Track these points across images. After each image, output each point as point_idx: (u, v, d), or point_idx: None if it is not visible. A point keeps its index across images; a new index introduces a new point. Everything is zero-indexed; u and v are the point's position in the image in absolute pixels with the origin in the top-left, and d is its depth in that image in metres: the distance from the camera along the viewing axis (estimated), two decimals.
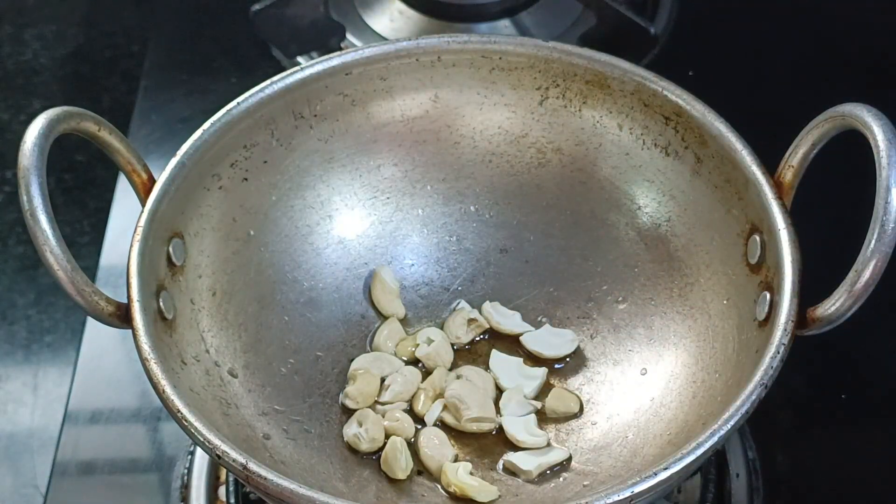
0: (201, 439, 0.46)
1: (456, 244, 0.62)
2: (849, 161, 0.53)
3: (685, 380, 0.55)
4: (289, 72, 0.58)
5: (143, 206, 0.53)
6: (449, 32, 0.61)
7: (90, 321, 0.68)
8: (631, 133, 0.59)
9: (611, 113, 0.59)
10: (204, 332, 0.54)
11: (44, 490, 0.64)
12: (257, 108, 0.57)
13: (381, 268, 0.61)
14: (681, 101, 0.56)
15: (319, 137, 0.60)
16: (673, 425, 0.53)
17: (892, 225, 0.45)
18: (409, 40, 0.59)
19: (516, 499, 0.54)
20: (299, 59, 0.83)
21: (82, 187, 0.82)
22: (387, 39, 0.76)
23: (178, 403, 0.47)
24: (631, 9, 0.82)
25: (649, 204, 0.59)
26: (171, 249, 0.53)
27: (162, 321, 0.51)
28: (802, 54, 0.83)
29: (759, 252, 0.52)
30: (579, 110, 0.60)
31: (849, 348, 0.65)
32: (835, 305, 0.47)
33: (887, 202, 0.45)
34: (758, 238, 0.52)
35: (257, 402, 0.54)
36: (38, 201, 0.48)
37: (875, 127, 0.46)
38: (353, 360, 0.59)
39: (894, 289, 0.50)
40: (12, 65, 0.90)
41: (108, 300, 0.50)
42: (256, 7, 0.83)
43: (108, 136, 0.53)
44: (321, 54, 0.67)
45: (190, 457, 0.63)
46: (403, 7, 0.83)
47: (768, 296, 0.50)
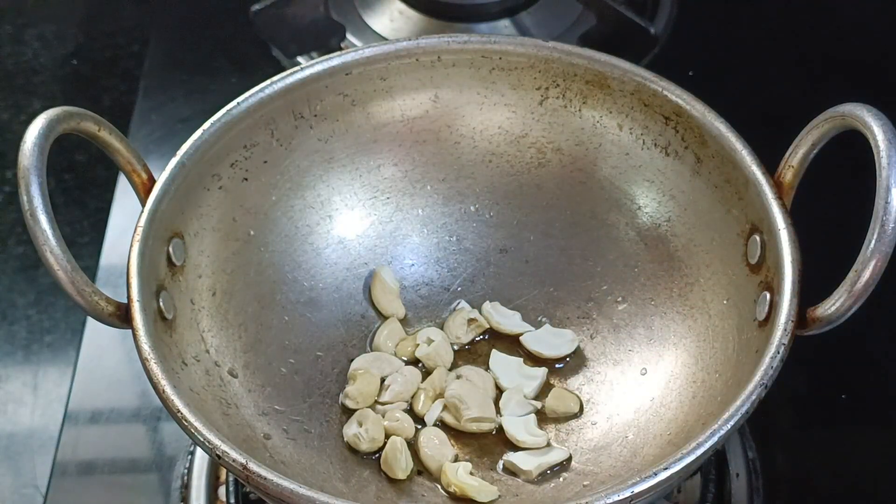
0: (201, 439, 0.46)
1: (456, 244, 0.62)
2: (849, 161, 0.53)
3: (685, 380, 0.55)
4: (289, 72, 0.58)
5: (143, 206, 0.53)
6: (449, 32, 0.61)
7: (90, 321, 0.68)
8: (631, 133, 0.59)
9: (611, 113, 0.59)
10: (204, 332, 0.54)
11: (44, 490, 0.64)
12: (257, 108, 0.57)
13: (381, 268, 0.61)
14: (681, 101, 0.56)
15: (319, 137, 0.60)
16: (673, 425, 0.53)
17: (892, 225, 0.45)
18: (409, 40, 0.59)
19: (516, 499, 0.54)
20: (299, 59, 0.83)
21: (82, 187, 0.81)
22: (387, 39, 0.76)
23: (178, 403, 0.47)
24: (631, 9, 0.82)
25: (649, 204, 0.59)
26: (171, 249, 0.53)
27: (162, 321, 0.51)
28: (802, 54, 0.83)
29: (759, 252, 0.52)
30: (579, 110, 0.60)
31: (849, 348, 0.65)
32: (835, 305, 0.47)
33: (887, 202, 0.45)
34: (758, 238, 0.52)
35: (257, 402, 0.54)
36: (38, 201, 0.48)
37: (875, 127, 0.46)
38: (353, 360, 0.59)
39: (894, 289, 0.50)
40: (12, 65, 0.90)
41: (108, 300, 0.50)
42: (256, 7, 0.83)
43: (108, 136, 0.53)
44: (321, 54, 0.67)
45: (190, 457, 0.63)
46: (403, 7, 0.83)
47: (768, 296, 0.50)
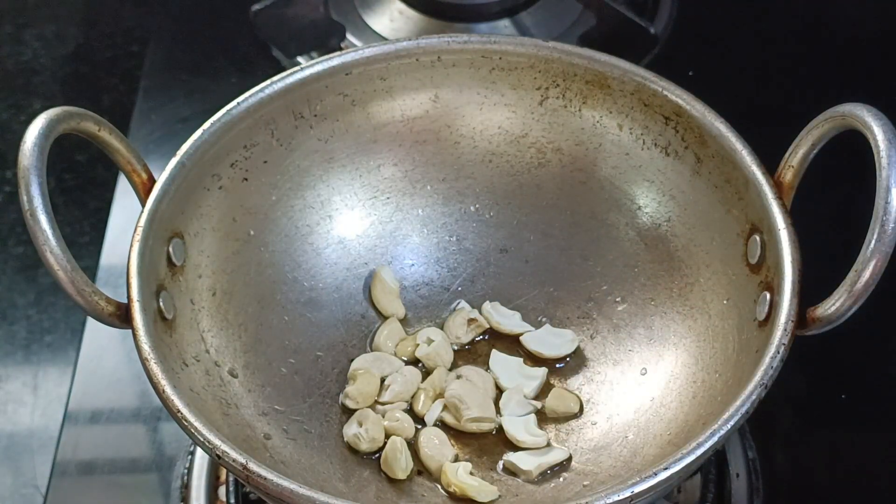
0: (201, 439, 0.46)
1: (456, 244, 0.62)
2: (849, 161, 0.53)
3: (685, 380, 0.55)
4: (289, 72, 0.58)
5: (143, 206, 0.53)
6: (449, 32, 0.61)
7: (90, 321, 0.68)
8: (631, 133, 0.59)
9: (611, 113, 0.59)
10: (204, 332, 0.54)
11: (44, 490, 0.64)
12: (257, 108, 0.57)
13: (381, 268, 0.61)
14: (681, 101, 0.56)
15: (319, 137, 0.60)
16: (673, 425, 0.53)
17: (892, 225, 0.45)
18: (409, 40, 0.59)
19: (516, 499, 0.54)
20: (299, 59, 0.83)
21: (82, 187, 0.81)
22: (387, 39, 0.76)
23: (178, 403, 0.47)
24: (631, 9, 0.82)
25: (649, 204, 0.59)
26: (171, 249, 0.53)
27: (162, 321, 0.51)
28: (802, 54, 0.83)
29: (759, 252, 0.52)
30: (579, 110, 0.60)
31: (849, 348, 0.65)
32: (835, 305, 0.47)
33: (887, 202, 0.45)
34: (758, 238, 0.52)
35: (257, 402, 0.54)
36: (38, 201, 0.48)
37: (875, 127, 0.46)
38: (353, 360, 0.59)
39: (894, 289, 0.50)
40: (12, 65, 0.90)
41: (108, 300, 0.50)
42: (256, 7, 0.83)
43: (108, 136, 0.53)
44: (321, 54, 0.67)
45: (190, 457, 0.63)
46: (403, 7, 0.83)
47: (768, 296, 0.50)
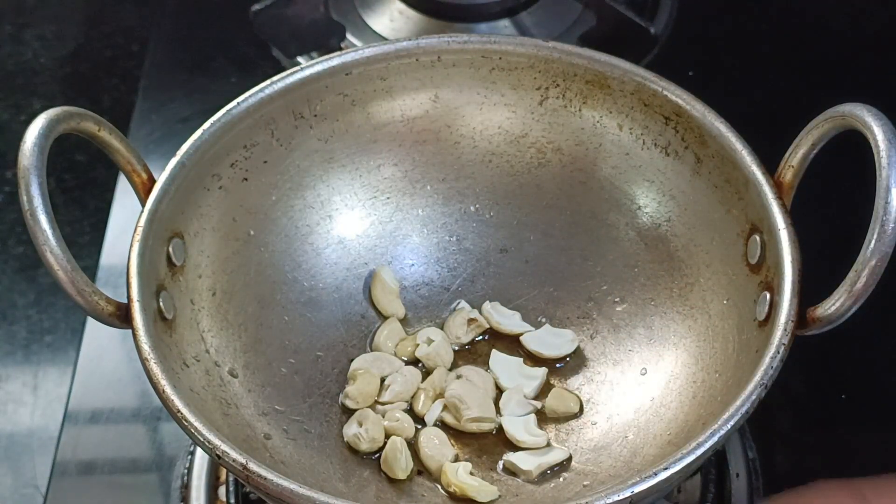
0: (201, 439, 0.46)
1: (456, 244, 0.62)
2: (849, 161, 0.53)
3: (685, 380, 0.55)
4: (289, 72, 0.58)
5: (143, 206, 0.53)
6: (449, 32, 0.61)
7: (90, 321, 0.68)
8: (631, 133, 0.59)
9: (611, 113, 0.59)
10: (204, 332, 0.54)
11: (44, 490, 0.64)
12: (257, 108, 0.57)
13: (381, 268, 0.61)
14: (681, 101, 0.56)
15: (319, 137, 0.60)
16: (673, 425, 0.53)
17: (892, 225, 0.45)
18: (409, 40, 0.59)
19: (516, 499, 0.54)
20: (299, 59, 0.83)
21: (82, 187, 0.82)
22: (387, 39, 0.76)
23: (178, 403, 0.47)
24: (631, 9, 0.82)
25: (649, 204, 0.59)
26: (171, 249, 0.53)
27: (162, 321, 0.51)
28: (802, 54, 0.83)
29: (759, 252, 0.52)
30: (579, 110, 0.60)
31: (849, 348, 0.65)
32: (835, 305, 0.47)
33: (887, 202, 0.45)
34: (758, 238, 0.52)
35: (257, 402, 0.54)
36: (38, 201, 0.48)
37: (875, 127, 0.46)
38: (353, 360, 0.59)
39: (894, 289, 0.50)
40: (12, 65, 0.90)
41: (108, 300, 0.50)
42: (256, 7, 0.83)
43: (108, 136, 0.53)
44: (321, 54, 0.67)
45: (190, 457, 0.63)
46: (403, 7, 0.83)
47: (768, 296, 0.50)
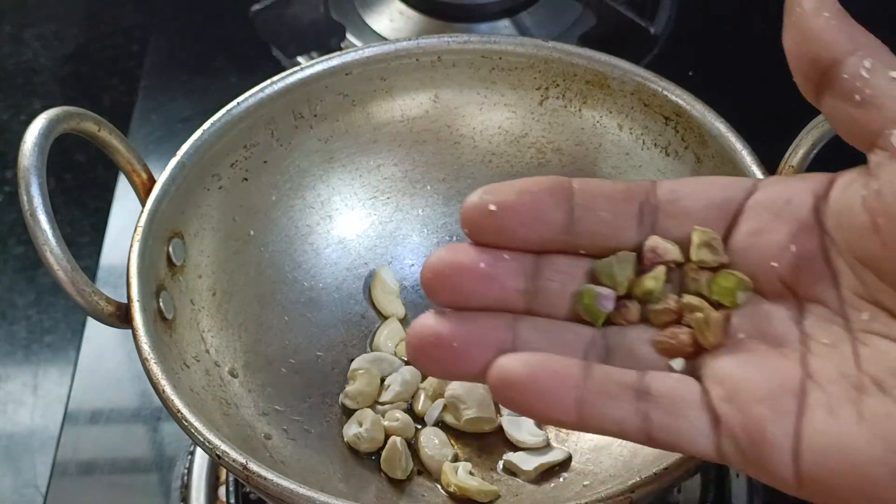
0: (201, 439, 0.46)
1: None
2: (849, 161, 0.53)
3: None
4: (289, 72, 0.58)
5: (143, 206, 0.53)
6: (449, 32, 0.61)
7: (90, 321, 0.68)
8: (631, 133, 0.59)
9: (611, 113, 0.59)
10: (204, 332, 0.54)
11: (44, 490, 0.64)
12: (257, 108, 0.57)
13: (381, 268, 0.61)
14: (681, 101, 0.56)
15: (319, 137, 0.60)
16: None
17: None
18: (409, 40, 0.59)
19: (516, 499, 0.54)
20: (299, 59, 0.83)
21: (82, 187, 0.82)
22: (387, 39, 0.76)
23: (178, 403, 0.47)
24: (631, 9, 0.82)
25: None
26: (171, 249, 0.53)
27: (162, 321, 0.51)
28: None
29: None
30: (579, 110, 0.60)
31: None
32: None
33: None
34: None
35: (257, 402, 0.54)
36: (38, 201, 0.48)
37: None
38: (353, 360, 0.58)
39: None
40: (12, 65, 0.90)
41: (108, 300, 0.50)
42: (256, 7, 0.83)
43: (108, 136, 0.53)
44: (321, 54, 0.67)
45: (190, 457, 0.63)
46: (403, 7, 0.83)
47: None
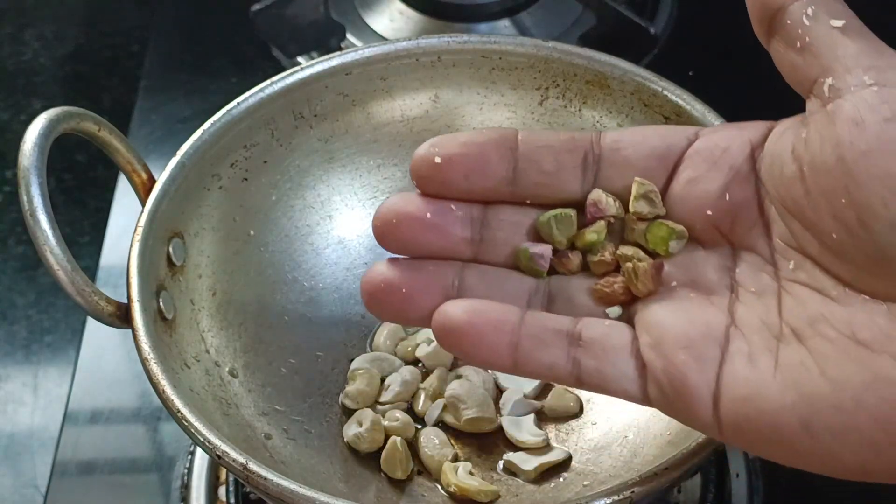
0: (201, 439, 0.46)
1: None
2: None
3: None
4: (289, 72, 0.58)
5: (143, 206, 0.53)
6: (449, 32, 0.61)
7: (90, 321, 0.68)
8: None
9: (611, 113, 0.59)
10: (204, 332, 0.54)
11: (44, 490, 0.64)
12: (257, 108, 0.57)
13: None
14: (681, 101, 0.56)
15: (319, 137, 0.60)
16: (673, 425, 0.53)
17: None
18: (409, 40, 0.59)
19: (516, 499, 0.54)
20: (299, 59, 0.83)
21: (82, 187, 0.82)
22: (387, 39, 0.76)
23: (178, 403, 0.47)
24: (631, 9, 0.82)
25: None
26: (171, 249, 0.53)
27: (162, 321, 0.51)
28: None
29: None
30: (579, 110, 0.60)
31: None
32: None
33: None
34: None
35: (257, 402, 0.54)
36: (38, 201, 0.48)
37: None
38: (353, 360, 0.59)
39: None
40: (12, 65, 0.90)
41: (108, 300, 0.50)
42: (256, 7, 0.83)
43: (108, 136, 0.53)
44: (321, 54, 0.67)
45: (190, 457, 0.63)
46: (403, 7, 0.83)
47: None
